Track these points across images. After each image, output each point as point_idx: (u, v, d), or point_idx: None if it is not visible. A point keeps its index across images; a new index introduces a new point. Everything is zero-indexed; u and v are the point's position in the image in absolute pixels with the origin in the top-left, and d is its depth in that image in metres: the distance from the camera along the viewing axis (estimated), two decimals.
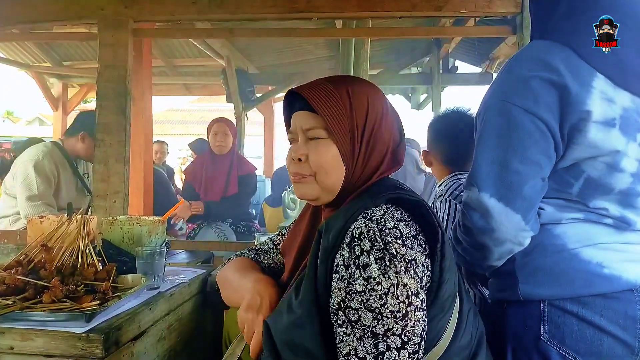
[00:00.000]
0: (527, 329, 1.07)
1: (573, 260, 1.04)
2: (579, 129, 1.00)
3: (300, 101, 1.02)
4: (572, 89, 0.99)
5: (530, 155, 1.01)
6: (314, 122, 0.99)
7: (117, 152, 2.23)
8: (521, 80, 1.03)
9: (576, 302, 1.03)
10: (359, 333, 0.82)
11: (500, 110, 1.04)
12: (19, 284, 1.16)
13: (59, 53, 5.24)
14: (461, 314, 0.95)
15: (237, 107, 5.34)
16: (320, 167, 0.98)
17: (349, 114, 0.98)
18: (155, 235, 1.61)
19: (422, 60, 5.87)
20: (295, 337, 0.88)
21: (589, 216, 1.06)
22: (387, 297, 0.82)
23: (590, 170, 1.04)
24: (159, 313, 1.35)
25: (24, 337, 1.06)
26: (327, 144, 0.98)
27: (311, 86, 1.02)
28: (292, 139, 1.06)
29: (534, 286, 1.07)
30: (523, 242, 1.05)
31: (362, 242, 0.85)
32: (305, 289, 0.90)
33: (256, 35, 2.89)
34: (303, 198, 1.04)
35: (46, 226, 1.54)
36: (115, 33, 2.26)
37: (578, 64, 1.00)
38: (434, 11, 2.14)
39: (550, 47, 1.04)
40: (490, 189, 1.02)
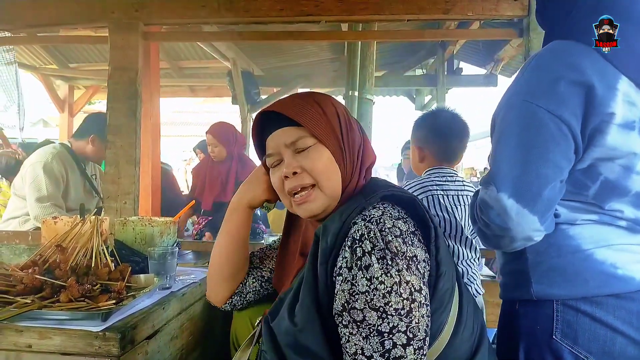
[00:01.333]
0: (539, 328, 1.08)
1: (587, 261, 1.04)
2: (601, 131, 1.00)
3: (273, 122, 1.05)
4: (598, 91, 0.98)
5: (552, 157, 1.00)
6: (297, 133, 1.01)
7: (128, 153, 2.25)
8: (547, 82, 1.02)
9: (589, 302, 1.03)
10: (365, 332, 0.83)
11: (523, 110, 1.03)
12: (36, 283, 1.18)
13: (65, 55, 5.28)
14: (461, 306, 0.97)
15: (243, 108, 5.36)
16: (319, 172, 1.00)
17: (325, 118, 1.03)
18: (167, 236, 1.63)
19: (426, 61, 5.88)
20: (299, 340, 0.90)
21: (603, 218, 1.06)
22: (391, 296, 0.83)
23: (607, 172, 1.04)
24: (171, 312, 1.37)
25: (42, 336, 1.07)
26: (317, 149, 1.01)
27: (281, 103, 1.05)
28: (274, 163, 1.07)
29: (547, 286, 1.07)
30: (536, 240, 1.05)
31: (363, 243, 0.87)
32: (305, 292, 0.92)
33: (264, 38, 2.91)
34: (311, 215, 1.04)
35: (60, 227, 1.56)
36: (126, 36, 2.29)
37: (604, 65, 1.00)
38: (441, 14, 2.17)
39: (576, 47, 1.03)
40: (509, 189, 1.01)
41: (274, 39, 3.16)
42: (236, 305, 1.29)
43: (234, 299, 1.28)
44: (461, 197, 1.83)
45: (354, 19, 2.32)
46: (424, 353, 0.85)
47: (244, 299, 1.28)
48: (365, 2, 2.17)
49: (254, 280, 1.27)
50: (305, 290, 0.92)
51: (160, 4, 2.29)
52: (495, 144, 1.08)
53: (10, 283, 1.19)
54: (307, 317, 0.90)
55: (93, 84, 5.91)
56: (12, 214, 2.69)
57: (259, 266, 1.30)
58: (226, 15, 2.26)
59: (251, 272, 1.28)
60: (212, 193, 3.21)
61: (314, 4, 2.18)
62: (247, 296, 1.27)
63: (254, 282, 1.27)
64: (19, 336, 1.08)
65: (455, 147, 1.88)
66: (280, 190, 1.07)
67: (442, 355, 0.92)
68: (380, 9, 2.16)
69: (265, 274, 1.28)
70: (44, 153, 2.63)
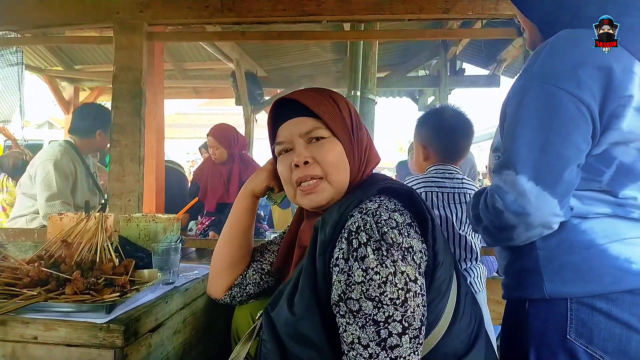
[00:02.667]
0: (552, 328, 1.04)
1: (601, 256, 1.02)
2: (617, 115, 0.99)
3: (289, 110, 1.06)
4: (617, 74, 0.97)
5: (573, 139, 0.98)
6: (313, 124, 1.03)
7: (132, 152, 2.28)
8: (566, 66, 1.00)
9: (604, 299, 1.00)
10: (361, 322, 0.85)
11: (542, 92, 1.00)
12: (42, 276, 1.20)
13: (71, 57, 5.32)
14: (459, 296, 0.98)
15: (246, 109, 5.39)
16: (330, 164, 1.02)
17: (340, 114, 1.05)
18: (171, 232, 1.65)
19: (429, 62, 5.89)
20: (299, 329, 0.92)
21: (617, 210, 1.03)
22: (386, 286, 0.85)
23: (622, 156, 1.02)
24: (174, 307, 1.38)
25: (48, 327, 1.09)
26: (331, 142, 1.03)
27: (301, 93, 1.07)
28: (283, 150, 1.08)
29: (560, 284, 1.04)
30: (553, 227, 1.02)
31: (359, 235, 0.88)
32: (304, 283, 0.94)
33: (266, 38, 2.93)
34: (315, 207, 1.06)
35: (66, 223, 1.59)
36: (130, 36, 2.31)
37: (620, 50, 1.00)
38: (441, 14, 2.18)
39: (590, 34, 1.02)
40: (529, 172, 0.98)
41: (276, 39, 3.18)
42: (235, 297, 1.30)
43: (234, 291, 1.30)
44: (457, 195, 1.81)
45: (355, 18, 2.34)
46: (420, 342, 0.86)
47: (243, 290, 1.30)
48: (366, 2, 2.18)
49: (254, 273, 1.29)
50: (304, 281, 0.94)
51: (164, 4, 2.32)
52: (510, 129, 1.04)
53: (17, 276, 1.22)
54: (306, 306, 0.92)
55: (98, 86, 5.96)
56: (19, 212, 2.72)
57: (259, 259, 1.32)
58: (229, 16, 2.29)
59: (252, 264, 1.31)
60: (215, 194, 3.24)
61: (316, 4, 2.20)
62: (247, 288, 1.29)
63: (254, 275, 1.30)
64: (25, 328, 1.09)
65: (460, 145, 1.87)
66: (286, 179, 1.07)
67: (440, 344, 0.93)
68: (381, 9, 2.18)
69: (265, 267, 1.31)
70: (53, 150, 2.66)
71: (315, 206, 1.05)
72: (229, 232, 1.28)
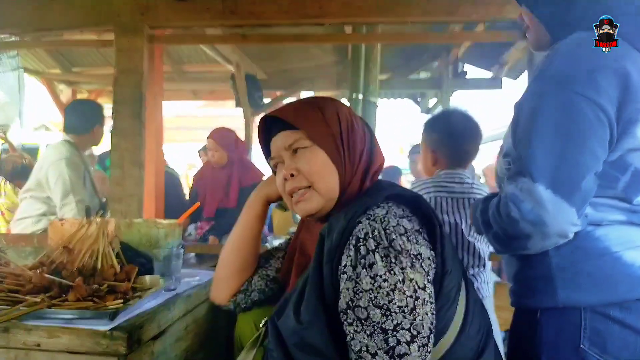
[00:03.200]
0: (564, 338, 1.02)
1: (616, 264, 0.99)
2: (634, 120, 0.97)
3: (275, 127, 1.09)
4: (634, 78, 0.96)
5: (591, 146, 0.96)
6: (295, 136, 1.05)
7: (133, 155, 2.27)
8: (583, 70, 0.98)
9: (619, 308, 0.99)
10: (369, 330, 0.84)
11: (558, 98, 0.98)
12: (45, 283, 1.19)
13: (69, 59, 5.31)
14: (468, 304, 0.97)
15: (246, 112, 5.37)
16: (314, 173, 1.02)
17: (325, 122, 1.05)
18: (172, 238, 1.64)
19: (431, 64, 5.89)
20: (305, 337, 0.91)
21: (632, 217, 1.02)
22: (395, 293, 0.84)
23: (637, 162, 1.00)
24: (177, 313, 1.37)
25: (50, 334, 1.08)
26: (313, 150, 1.03)
27: (283, 108, 1.10)
28: (276, 164, 1.11)
29: (574, 292, 1.01)
30: (569, 237, 0.99)
31: (367, 242, 0.88)
32: (311, 291, 0.93)
33: (268, 40, 2.93)
34: (307, 214, 1.06)
35: (67, 229, 1.57)
36: (131, 39, 2.31)
37: (635, 54, 0.99)
38: (445, 16, 2.17)
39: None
40: (547, 180, 0.95)
41: (278, 42, 3.18)
42: (240, 304, 1.29)
43: (239, 297, 1.28)
44: (467, 201, 1.80)
45: (357, 21, 2.34)
46: (428, 350, 0.85)
47: (248, 297, 1.28)
48: (369, 5, 2.18)
49: (259, 279, 1.28)
50: (311, 289, 0.93)
51: (165, 7, 2.31)
52: (525, 135, 1.02)
53: (20, 282, 1.20)
54: (312, 315, 0.91)
55: (96, 88, 5.94)
56: (25, 213, 2.70)
57: (264, 265, 1.31)
58: (230, 18, 2.28)
59: (257, 271, 1.29)
60: (215, 199, 3.22)
61: (318, 6, 2.19)
62: (251, 295, 1.28)
63: (260, 281, 1.28)
64: (27, 335, 1.08)
65: (469, 150, 1.85)
66: (282, 192, 1.09)
67: (448, 352, 0.92)
68: (383, 12, 2.17)
69: (270, 273, 1.29)
70: (60, 150, 2.64)
71: (307, 214, 1.06)
72: (238, 238, 1.26)
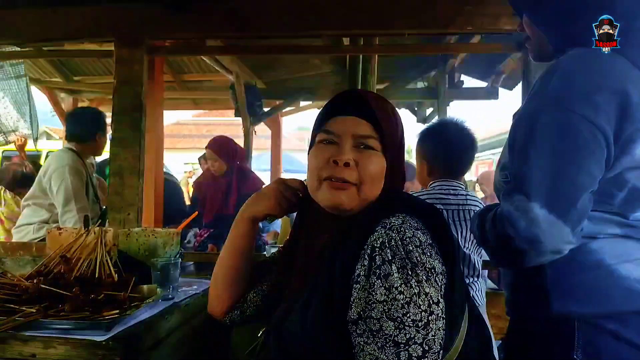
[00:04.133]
0: (558, 349, 1.02)
1: (611, 276, 1.00)
2: (633, 139, 0.97)
3: (352, 106, 1.01)
4: (633, 98, 0.95)
5: (587, 166, 0.96)
6: (370, 131, 0.99)
7: (132, 165, 2.28)
8: (581, 89, 0.97)
9: (613, 320, 0.99)
10: (381, 342, 0.82)
11: (555, 117, 0.97)
12: (41, 293, 1.19)
13: (70, 68, 5.33)
14: (470, 320, 0.96)
15: (245, 121, 5.39)
16: (369, 177, 0.98)
17: (398, 132, 1.03)
18: (170, 247, 1.64)
19: (428, 74, 5.91)
20: (310, 346, 0.89)
21: (628, 231, 1.02)
22: (410, 306, 0.82)
23: (635, 180, 1.00)
24: (174, 323, 1.37)
25: (47, 345, 1.08)
26: (378, 157, 0.99)
27: (374, 97, 1.03)
28: (326, 140, 1.01)
29: (568, 303, 1.02)
30: (564, 253, 0.99)
31: (383, 251, 0.86)
32: (319, 299, 0.91)
33: (267, 51, 2.95)
34: (336, 206, 0.99)
35: (65, 237, 1.58)
36: (131, 51, 2.32)
37: (635, 72, 0.98)
38: (441, 28, 2.19)
39: (605, 55, 1.00)
40: (542, 198, 0.95)
41: (276, 53, 3.20)
42: (235, 320, 1.25)
43: (234, 314, 1.24)
44: (462, 212, 1.79)
45: (354, 33, 2.36)
46: None
47: (243, 313, 1.24)
48: (366, 17, 2.20)
49: (255, 295, 1.24)
50: (319, 296, 0.91)
51: (165, 18, 2.33)
52: (522, 153, 1.02)
53: (16, 292, 1.21)
54: (319, 324, 0.89)
55: (97, 97, 5.96)
56: (27, 220, 2.71)
57: (260, 280, 1.28)
58: (229, 30, 2.30)
59: (253, 286, 1.26)
60: (214, 207, 3.23)
61: (316, 18, 2.21)
62: (247, 311, 1.24)
63: (256, 297, 1.24)
64: (23, 345, 1.09)
65: (464, 161, 1.86)
66: (314, 169, 1.01)
67: None
68: (380, 24, 2.19)
69: (266, 289, 1.26)
70: (62, 158, 2.66)
71: (336, 205, 0.98)
72: (226, 256, 1.22)
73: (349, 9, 2.21)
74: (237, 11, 2.27)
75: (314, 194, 1.03)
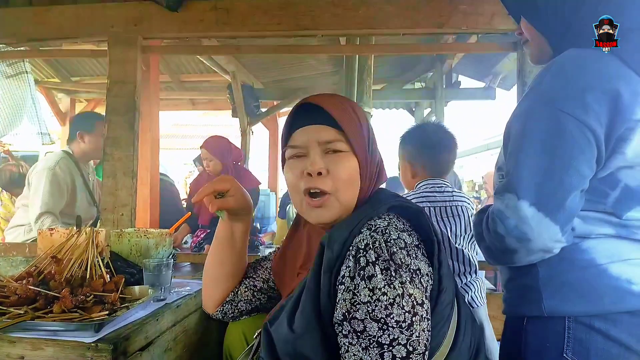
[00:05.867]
0: (549, 346, 1.03)
1: (602, 276, 1.01)
2: (625, 138, 0.97)
3: (311, 115, 1.01)
4: (625, 97, 0.96)
5: (577, 165, 0.97)
6: (334, 135, 0.99)
7: (126, 166, 2.27)
8: (573, 89, 0.98)
9: (603, 319, 0.99)
10: (365, 343, 0.83)
11: (547, 117, 0.99)
12: (30, 294, 1.18)
13: (68, 69, 5.33)
14: (460, 321, 0.97)
15: (243, 121, 5.39)
16: (342, 181, 0.98)
17: (361, 129, 1.02)
18: (162, 248, 1.64)
19: (425, 75, 5.92)
20: (298, 347, 0.90)
21: (620, 231, 1.02)
22: (393, 307, 0.83)
23: (628, 179, 1.01)
24: (165, 324, 1.36)
25: (35, 347, 1.07)
26: (348, 157, 0.99)
27: (327, 100, 1.02)
28: (296, 154, 1.03)
29: (559, 302, 1.03)
30: (555, 252, 1.01)
31: (367, 253, 0.86)
32: (307, 300, 0.92)
33: (262, 51, 2.95)
34: (321, 223, 1.01)
35: (56, 238, 1.57)
36: (125, 50, 2.32)
37: (627, 72, 0.98)
38: (436, 28, 2.19)
39: (598, 54, 1.01)
40: (531, 197, 0.96)
41: (272, 53, 3.19)
42: (227, 314, 1.29)
43: (226, 307, 1.28)
44: (449, 208, 1.81)
45: (350, 33, 2.36)
46: None
47: (235, 307, 1.28)
48: (361, 17, 2.20)
49: (246, 290, 1.28)
50: (307, 298, 0.92)
51: (159, 18, 2.32)
52: (513, 152, 1.03)
53: (4, 294, 1.20)
54: (306, 324, 0.90)
55: (94, 97, 5.96)
56: (18, 222, 2.72)
57: (252, 276, 1.30)
58: (224, 30, 2.30)
59: (244, 281, 1.29)
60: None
61: (311, 18, 2.21)
62: (238, 305, 1.28)
63: (246, 291, 1.28)
64: (11, 347, 1.08)
65: (446, 159, 1.88)
66: (294, 185, 1.02)
67: None
68: (375, 24, 2.19)
69: (257, 284, 1.29)
70: (49, 160, 2.67)
71: (321, 222, 1.01)
72: (211, 248, 1.28)
73: (344, 8, 2.21)
74: (232, 11, 2.27)
75: (300, 212, 1.05)
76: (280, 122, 6.77)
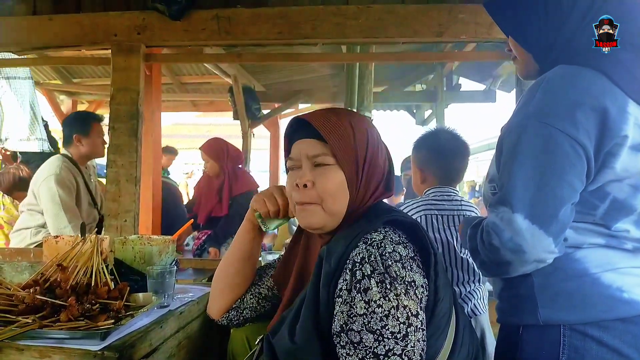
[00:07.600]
0: (545, 354, 1.06)
1: (594, 285, 1.04)
2: (613, 154, 1.01)
3: (304, 129, 1.06)
4: (612, 114, 0.99)
5: (568, 179, 1.00)
6: (321, 149, 1.03)
7: (129, 172, 2.30)
8: (563, 106, 1.02)
9: (597, 327, 1.03)
10: (362, 354, 0.85)
11: (538, 132, 1.02)
12: (37, 303, 1.21)
13: (69, 71, 5.36)
14: (457, 330, 0.99)
15: (244, 124, 5.41)
16: (327, 193, 1.02)
17: (353, 144, 1.04)
18: (166, 255, 1.66)
19: (426, 77, 5.94)
20: (298, 357, 0.93)
21: (610, 241, 1.06)
22: (388, 319, 0.86)
23: (616, 192, 1.04)
24: (169, 331, 1.39)
25: (42, 355, 1.10)
26: (334, 170, 1.03)
27: (316, 116, 1.07)
28: (293, 166, 1.09)
29: (555, 310, 1.06)
30: (548, 262, 1.04)
31: (363, 266, 0.89)
32: (306, 313, 0.94)
33: (263, 59, 2.98)
34: (309, 227, 1.06)
35: (61, 246, 1.60)
36: (128, 58, 2.34)
37: (614, 89, 1.02)
38: (435, 37, 2.21)
39: (586, 73, 1.04)
40: (525, 210, 0.99)
41: (273, 61, 3.21)
42: (232, 321, 1.31)
43: (231, 314, 1.30)
44: (457, 217, 1.81)
45: (350, 41, 2.38)
46: None
47: (240, 314, 1.30)
48: (361, 26, 2.22)
49: (251, 297, 1.29)
50: (307, 310, 0.94)
51: (161, 26, 2.35)
52: (507, 166, 1.06)
53: (12, 303, 1.23)
54: (307, 336, 0.92)
55: (96, 99, 5.98)
56: (24, 225, 2.72)
57: (257, 283, 1.32)
58: (226, 38, 2.32)
59: (250, 288, 1.30)
60: (206, 207, 3.27)
61: (311, 27, 2.23)
62: (243, 312, 1.29)
63: (252, 299, 1.30)
64: (19, 355, 1.10)
65: (458, 168, 1.88)
66: (289, 195, 1.10)
67: None
68: (375, 32, 2.21)
69: (263, 292, 1.31)
70: (52, 166, 2.66)
71: (307, 227, 1.06)
72: (229, 257, 1.29)
73: (344, 17, 2.24)
74: (233, 20, 2.29)
75: (294, 214, 1.10)
76: (281, 124, 6.78)
